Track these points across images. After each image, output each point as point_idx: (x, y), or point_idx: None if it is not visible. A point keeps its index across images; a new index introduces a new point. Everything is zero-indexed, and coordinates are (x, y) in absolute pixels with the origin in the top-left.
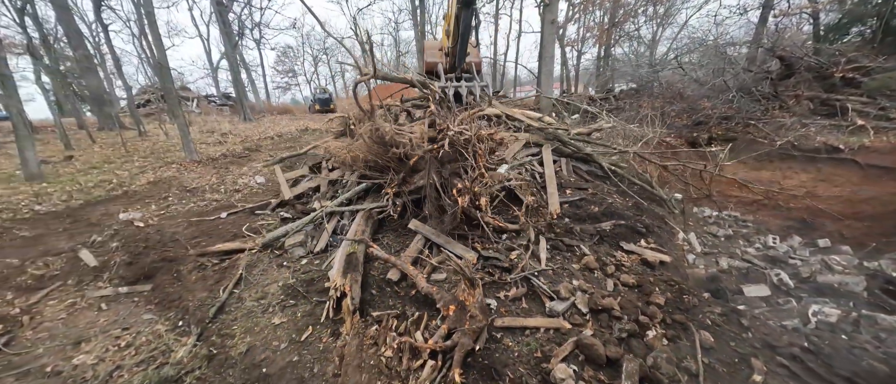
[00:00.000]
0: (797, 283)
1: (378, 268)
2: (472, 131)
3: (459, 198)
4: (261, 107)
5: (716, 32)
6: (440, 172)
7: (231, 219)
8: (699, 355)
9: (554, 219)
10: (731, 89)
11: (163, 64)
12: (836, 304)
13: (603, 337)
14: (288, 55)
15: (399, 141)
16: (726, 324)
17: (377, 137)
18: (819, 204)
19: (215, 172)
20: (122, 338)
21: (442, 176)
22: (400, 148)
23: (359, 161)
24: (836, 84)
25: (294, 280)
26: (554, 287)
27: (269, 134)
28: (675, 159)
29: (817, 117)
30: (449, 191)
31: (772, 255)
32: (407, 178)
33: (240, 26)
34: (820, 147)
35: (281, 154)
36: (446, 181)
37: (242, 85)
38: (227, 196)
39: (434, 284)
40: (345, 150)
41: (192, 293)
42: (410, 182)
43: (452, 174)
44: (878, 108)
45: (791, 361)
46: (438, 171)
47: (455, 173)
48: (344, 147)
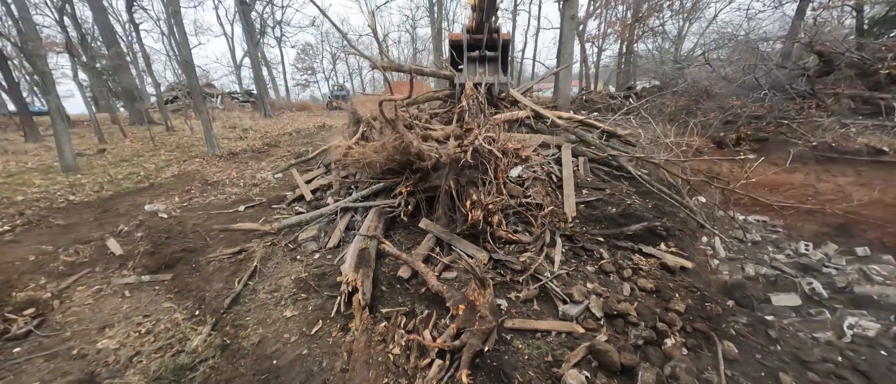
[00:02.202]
0: (831, 294)
1: (389, 265)
2: (498, 142)
3: (472, 212)
4: (281, 103)
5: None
6: (458, 178)
7: (249, 213)
8: (722, 367)
9: (570, 222)
10: (762, 87)
11: (188, 61)
12: (875, 318)
13: (618, 343)
14: (307, 53)
15: (425, 153)
16: (752, 335)
17: (402, 148)
18: (859, 209)
19: (235, 167)
20: (143, 325)
21: (459, 182)
22: (426, 160)
23: (376, 166)
24: (880, 81)
25: (306, 274)
26: (567, 290)
27: (287, 130)
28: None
29: (859, 117)
30: (463, 199)
31: (803, 263)
32: (424, 178)
33: (261, 25)
34: (861, 148)
35: (297, 150)
36: (462, 188)
37: (263, 82)
38: (245, 190)
39: (444, 283)
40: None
41: (210, 283)
42: (427, 181)
43: (469, 182)
44: None
45: (825, 378)
46: (456, 177)
47: (472, 182)
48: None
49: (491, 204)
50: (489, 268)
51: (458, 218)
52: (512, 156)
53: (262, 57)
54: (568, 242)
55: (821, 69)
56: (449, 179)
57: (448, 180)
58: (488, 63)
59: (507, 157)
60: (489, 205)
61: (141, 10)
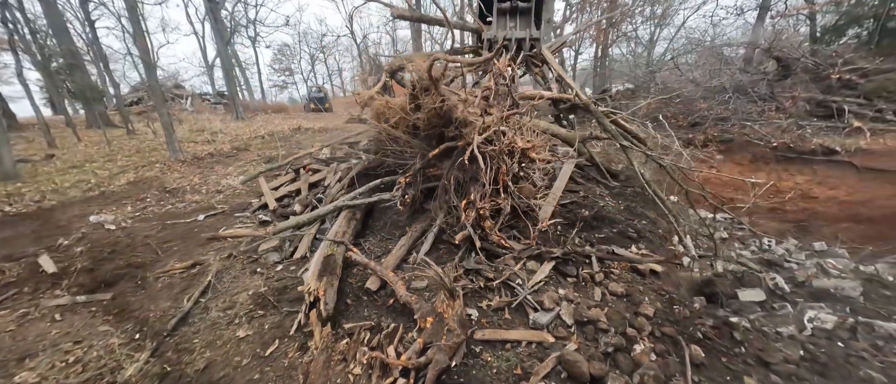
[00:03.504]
0: (793, 288)
1: (357, 276)
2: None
3: (466, 212)
4: (255, 105)
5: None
6: (463, 169)
7: (209, 222)
8: (689, 373)
9: (544, 227)
10: (727, 90)
11: (146, 60)
12: (832, 310)
13: (588, 351)
14: (284, 53)
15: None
16: (718, 338)
17: (443, 112)
18: (816, 206)
19: (199, 172)
20: (72, 353)
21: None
22: (466, 127)
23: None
24: (832, 86)
25: (266, 288)
26: (538, 297)
27: (260, 133)
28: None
29: (814, 119)
30: (464, 194)
31: (767, 259)
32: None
33: (232, 24)
34: (816, 149)
35: (269, 154)
36: (465, 183)
37: (235, 83)
38: (208, 197)
39: (414, 293)
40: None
41: (155, 302)
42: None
43: (472, 179)
44: (874, 110)
45: (786, 380)
46: (462, 167)
47: (474, 178)
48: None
49: (482, 208)
50: (461, 275)
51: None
52: (519, 156)
53: (235, 57)
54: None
55: (779, 74)
56: (452, 172)
57: (451, 173)
58: (520, 15)
59: (513, 158)
60: (480, 208)
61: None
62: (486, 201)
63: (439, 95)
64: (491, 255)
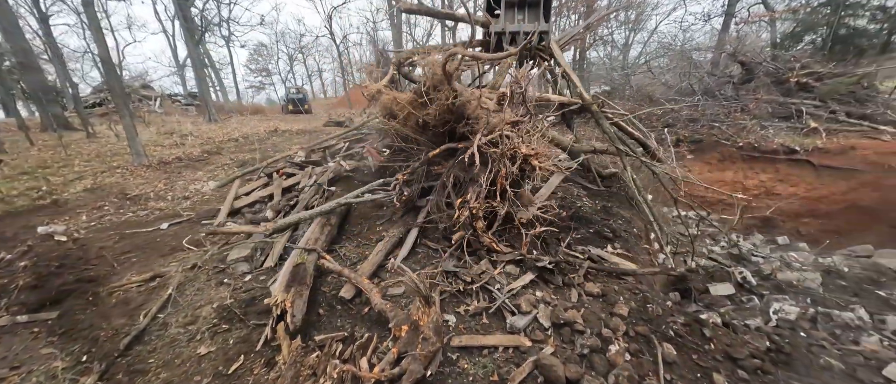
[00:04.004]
0: (759, 281)
1: (331, 284)
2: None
3: (459, 210)
4: (230, 107)
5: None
6: (464, 169)
7: (173, 231)
8: (661, 372)
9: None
10: (696, 93)
11: (105, 58)
12: (795, 302)
13: (564, 354)
14: (261, 53)
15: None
16: (689, 335)
17: (455, 108)
18: (779, 203)
19: (165, 177)
20: (9, 381)
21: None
22: (477, 122)
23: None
24: (791, 89)
25: (232, 300)
26: (516, 300)
27: (234, 135)
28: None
29: (775, 120)
30: (459, 194)
31: (736, 254)
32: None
33: (203, 22)
34: (778, 148)
35: (242, 157)
36: (464, 183)
37: (207, 84)
38: (173, 204)
39: (391, 300)
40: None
41: (108, 320)
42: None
43: (472, 180)
44: (829, 112)
45: (752, 375)
46: (463, 167)
47: (474, 179)
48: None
49: (475, 207)
50: (439, 280)
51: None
52: (521, 162)
53: (207, 56)
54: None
55: (743, 77)
56: (452, 170)
57: (451, 171)
58: (529, 8)
59: (514, 162)
60: (474, 208)
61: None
62: (480, 201)
63: (452, 90)
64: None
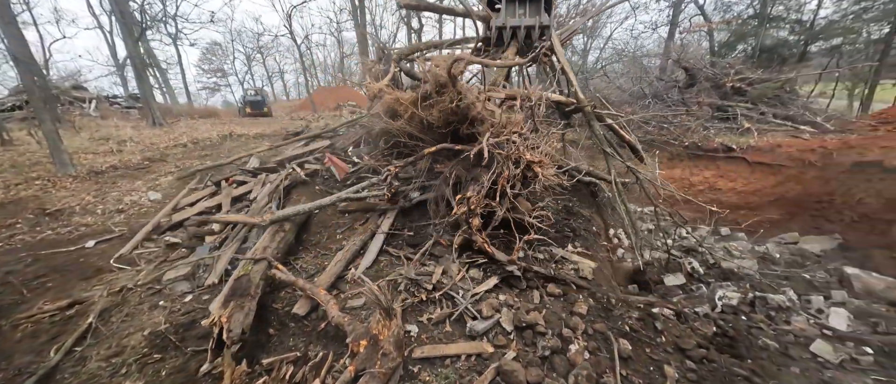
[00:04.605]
0: (706, 270)
1: (284, 300)
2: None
3: (458, 206)
4: (178, 109)
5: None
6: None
7: (100, 249)
8: (617, 368)
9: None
10: (647, 96)
11: (18, 55)
12: (736, 287)
13: (526, 358)
14: (215, 53)
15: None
16: (643, 329)
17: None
18: (721, 197)
19: (96, 188)
20: None
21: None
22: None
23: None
24: (728, 92)
25: (168, 325)
26: (478, 305)
27: (181, 141)
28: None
29: (715, 121)
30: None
31: (686, 246)
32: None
33: (144, 18)
34: (718, 147)
35: (190, 164)
36: (465, 182)
37: (150, 85)
38: (104, 218)
39: (349, 313)
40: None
41: (10, 358)
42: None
43: (473, 179)
44: (759, 113)
45: (698, 364)
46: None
47: (476, 179)
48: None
49: (475, 205)
50: (402, 288)
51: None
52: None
53: (150, 55)
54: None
55: (687, 82)
56: (455, 168)
57: (454, 169)
58: (530, 2)
59: (518, 166)
60: (473, 205)
61: None
62: (479, 198)
63: (457, 93)
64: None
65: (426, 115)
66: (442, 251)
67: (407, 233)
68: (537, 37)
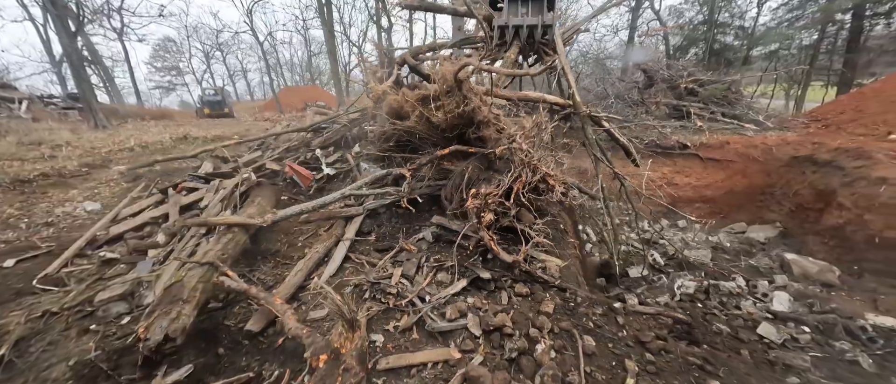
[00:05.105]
0: (666, 261)
1: (237, 316)
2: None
3: (470, 199)
4: (126, 110)
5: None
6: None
7: (22, 268)
8: (581, 365)
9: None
10: (610, 96)
11: None
12: (693, 276)
13: (494, 361)
14: (168, 49)
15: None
16: (606, 324)
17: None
18: (678, 192)
19: (21, 199)
20: None
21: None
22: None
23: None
24: (682, 93)
25: (100, 351)
26: (443, 308)
27: (129, 144)
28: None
29: (672, 120)
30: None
31: (647, 238)
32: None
33: (82, 10)
34: (674, 144)
35: (137, 170)
36: (477, 181)
37: (90, 83)
38: (29, 233)
39: (310, 324)
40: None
41: None
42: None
43: (485, 180)
44: (709, 113)
45: (656, 356)
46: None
47: (487, 180)
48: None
49: (491, 199)
50: (366, 297)
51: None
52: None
53: (91, 51)
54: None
55: (645, 83)
56: (470, 165)
57: (470, 165)
58: (532, 1)
59: (534, 174)
60: (489, 199)
61: None
62: (495, 193)
63: (463, 96)
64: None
65: (432, 115)
66: (409, 255)
67: (372, 239)
68: (540, 36)
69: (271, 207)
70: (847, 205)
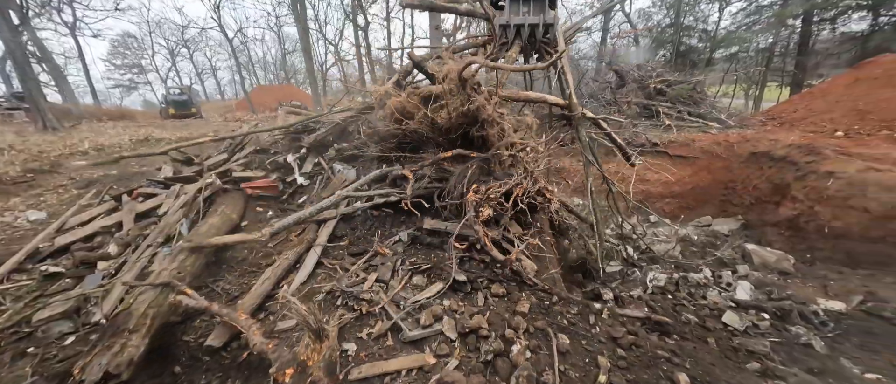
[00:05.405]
0: (639, 255)
1: (198, 330)
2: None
3: (471, 193)
4: (81, 111)
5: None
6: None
7: None
8: (556, 364)
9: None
10: (584, 96)
11: None
12: (663, 269)
13: (469, 365)
14: (129, 46)
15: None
16: (580, 322)
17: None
18: (650, 188)
19: None
20: None
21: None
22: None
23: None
24: (651, 93)
25: (36, 376)
26: (419, 313)
27: (82, 147)
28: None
29: (643, 119)
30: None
31: (621, 234)
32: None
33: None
34: (645, 142)
35: (91, 175)
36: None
37: (38, 82)
38: None
39: (277, 336)
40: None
41: None
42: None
43: (484, 183)
44: (677, 112)
45: (627, 351)
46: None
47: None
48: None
49: (492, 195)
50: (339, 304)
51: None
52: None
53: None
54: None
55: (618, 83)
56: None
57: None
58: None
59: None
60: (490, 194)
61: None
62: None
63: (467, 96)
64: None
65: (437, 117)
66: (384, 259)
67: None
68: (541, 34)
69: (238, 215)
70: (800, 198)
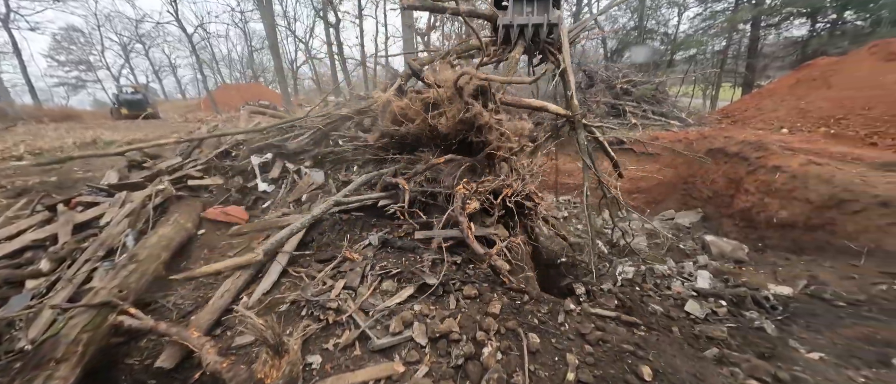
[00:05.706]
0: (610, 249)
1: (144, 351)
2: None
3: (462, 187)
4: (17, 111)
5: None
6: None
7: None
8: (526, 364)
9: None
10: (557, 97)
11: None
12: (632, 262)
13: (440, 370)
14: (74, 41)
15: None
16: (550, 320)
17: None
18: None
19: None
20: None
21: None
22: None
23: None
24: (618, 93)
25: None
26: (388, 320)
27: (17, 151)
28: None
29: (610, 117)
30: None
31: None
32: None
33: None
34: (613, 140)
35: (24, 182)
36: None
37: None
38: None
39: (235, 354)
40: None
41: None
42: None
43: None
44: (642, 111)
45: (595, 346)
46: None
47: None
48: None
49: (482, 189)
50: (303, 314)
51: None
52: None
53: None
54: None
55: (587, 83)
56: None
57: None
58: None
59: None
60: (480, 188)
61: None
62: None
63: (464, 103)
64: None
65: (438, 123)
66: (353, 265)
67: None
68: (545, 35)
69: (194, 224)
70: (751, 191)
